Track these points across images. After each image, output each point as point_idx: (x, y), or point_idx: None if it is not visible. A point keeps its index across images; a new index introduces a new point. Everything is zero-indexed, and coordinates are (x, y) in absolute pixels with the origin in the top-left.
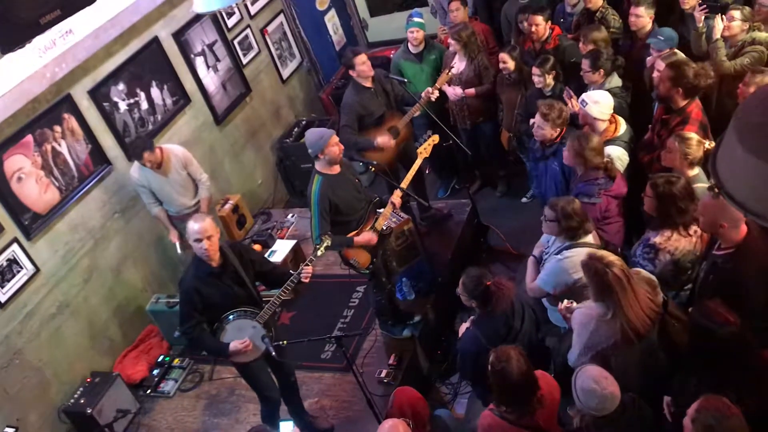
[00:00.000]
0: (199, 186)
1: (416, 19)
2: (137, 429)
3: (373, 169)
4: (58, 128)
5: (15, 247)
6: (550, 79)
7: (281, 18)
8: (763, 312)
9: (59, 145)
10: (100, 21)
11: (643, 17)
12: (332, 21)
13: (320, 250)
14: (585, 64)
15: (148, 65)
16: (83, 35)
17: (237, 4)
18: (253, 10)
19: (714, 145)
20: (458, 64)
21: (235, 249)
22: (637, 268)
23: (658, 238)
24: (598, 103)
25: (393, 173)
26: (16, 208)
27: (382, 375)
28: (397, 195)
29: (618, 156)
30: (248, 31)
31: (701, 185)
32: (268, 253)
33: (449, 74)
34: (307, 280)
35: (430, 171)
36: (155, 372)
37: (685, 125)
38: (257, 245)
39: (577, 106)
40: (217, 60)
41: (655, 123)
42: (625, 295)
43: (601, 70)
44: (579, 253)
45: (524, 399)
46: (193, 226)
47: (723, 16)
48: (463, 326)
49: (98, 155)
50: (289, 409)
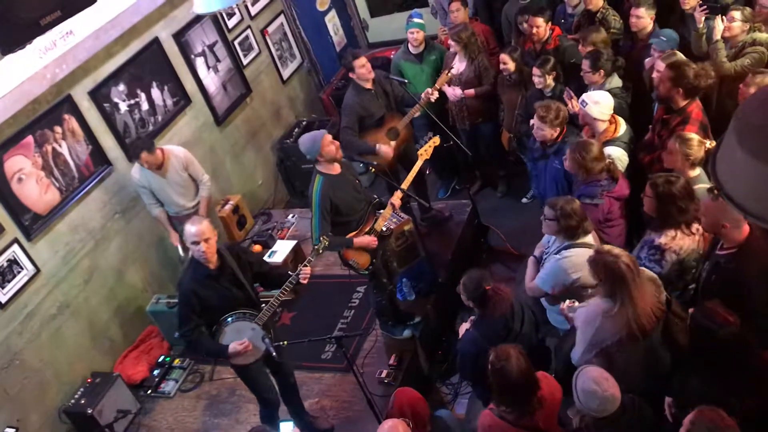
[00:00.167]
0: (199, 186)
1: (416, 20)
2: (138, 429)
3: (373, 170)
4: (58, 129)
5: (15, 247)
6: (550, 80)
7: (281, 19)
8: (766, 312)
9: (60, 145)
10: (100, 22)
11: (644, 18)
12: (333, 21)
13: (318, 251)
14: (585, 64)
15: (148, 66)
16: (84, 36)
17: (237, 5)
18: (254, 10)
19: (715, 144)
20: (458, 64)
21: (232, 251)
22: (641, 268)
23: (662, 239)
24: (598, 104)
25: (393, 174)
26: (16, 209)
27: (383, 375)
28: (397, 196)
29: (618, 156)
30: (249, 31)
31: (703, 186)
32: (268, 254)
33: (449, 75)
34: (306, 281)
35: (431, 171)
36: (156, 372)
37: (686, 125)
38: (257, 246)
39: (577, 107)
40: (218, 61)
41: (655, 123)
42: (635, 286)
43: (602, 71)
44: (578, 253)
45: (524, 398)
46: (190, 229)
47: (723, 16)
48: (464, 326)
49: (99, 156)
50: (290, 409)
